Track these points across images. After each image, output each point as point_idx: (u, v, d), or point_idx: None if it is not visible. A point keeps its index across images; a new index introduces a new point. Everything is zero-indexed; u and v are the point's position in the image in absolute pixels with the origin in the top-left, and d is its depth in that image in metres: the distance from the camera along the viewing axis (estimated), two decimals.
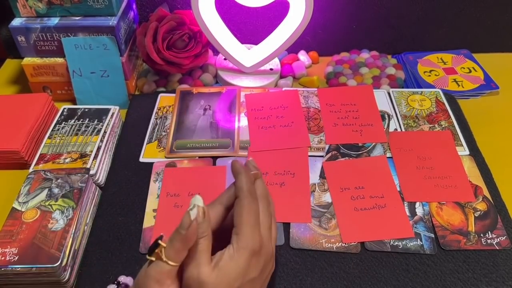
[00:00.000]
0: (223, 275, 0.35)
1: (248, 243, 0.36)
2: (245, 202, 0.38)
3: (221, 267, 0.35)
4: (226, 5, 0.80)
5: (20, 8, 0.71)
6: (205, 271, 0.34)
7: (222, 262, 0.35)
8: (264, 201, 0.40)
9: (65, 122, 0.67)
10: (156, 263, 0.35)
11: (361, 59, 0.84)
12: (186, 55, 0.75)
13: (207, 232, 0.36)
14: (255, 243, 0.36)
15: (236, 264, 0.35)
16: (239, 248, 0.36)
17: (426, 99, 0.72)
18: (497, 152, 0.65)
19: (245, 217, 0.37)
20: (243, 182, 0.39)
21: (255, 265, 0.37)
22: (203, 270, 0.34)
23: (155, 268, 0.35)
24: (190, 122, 0.69)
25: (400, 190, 0.58)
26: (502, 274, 0.50)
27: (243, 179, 0.39)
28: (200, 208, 0.35)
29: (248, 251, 0.36)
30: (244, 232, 0.36)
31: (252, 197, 0.38)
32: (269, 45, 0.75)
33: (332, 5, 0.81)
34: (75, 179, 0.57)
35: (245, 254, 0.36)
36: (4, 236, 0.50)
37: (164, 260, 0.34)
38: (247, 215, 0.37)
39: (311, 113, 0.70)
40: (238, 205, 0.38)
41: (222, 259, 0.35)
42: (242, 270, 0.35)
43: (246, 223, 0.37)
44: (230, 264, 0.35)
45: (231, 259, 0.35)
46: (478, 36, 0.86)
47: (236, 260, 0.35)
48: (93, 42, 0.71)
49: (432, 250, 0.52)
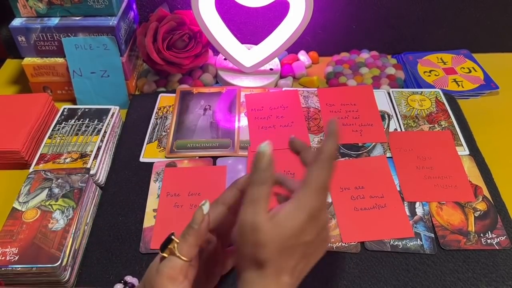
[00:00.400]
0: (278, 229, 0.33)
1: (310, 203, 0.34)
2: (322, 164, 0.35)
3: (278, 221, 0.33)
4: (226, 5, 0.80)
5: (21, 8, 0.71)
6: (262, 218, 0.33)
7: (279, 216, 0.34)
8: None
9: (65, 122, 0.67)
10: (169, 259, 0.35)
11: (361, 59, 0.84)
12: (186, 55, 0.75)
13: (270, 180, 0.35)
14: (316, 206, 0.34)
15: (293, 222, 0.34)
16: (300, 206, 0.34)
17: (426, 99, 0.73)
18: (497, 152, 0.65)
19: (315, 177, 0.35)
20: (331, 146, 0.36)
21: (312, 229, 0.35)
22: (260, 217, 0.33)
23: (168, 264, 0.34)
24: (190, 122, 0.69)
25: (400, 190, 0.58)
26: (502, 274, 0.50)
27: (333, 143, 0.36)
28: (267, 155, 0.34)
29: (307, 211, 0.34)
30: (308, 192, 0.34)
31: (330, 163, 0.36)
32: (269, 45, 0.75)
33: (332, 5, 0.81)
34: (76, 179, 0.57)
35: (304, 213, 0.34)
36: (5, 236, 0.50)
37: (177, 255, 0.34)
38: (317, 176, 0.35)
39: (311, 113, 0.70)
40: (314, 164, 0.36)
41: (280, 213, 0.34)
42: (298, 230, 0.34)
43: (314, 183, 0.35)
44: (288, 220, 0.34)
45: (290, 216, 0.34)
46: (478, 36, 0.86)
47: (294, 217, 0.34)
48: (93, 42, 0.71)
49: (432, 250, 0.52)
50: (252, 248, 0.33)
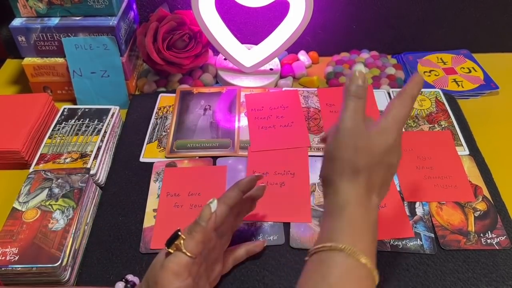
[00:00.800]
0: (374, 141, 0.35)
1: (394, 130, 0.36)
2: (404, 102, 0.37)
3: (373, 135, 0.35)
4: (226, 5, 0.80)
5: (21, 8, 0.71)
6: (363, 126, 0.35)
7: (373, 132, 0.35)
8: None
9: (66, 122, 0.67)
10: (175, 254, 0.35)
11: (361, 59, 0.84)
12: (186, 55, 0.75)
13: (365, 97, 0.36)
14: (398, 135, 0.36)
15: (385, 139, 0.35)
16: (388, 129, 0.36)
17: (426, 99, 0.73)
18: (497, 152, 0.65)
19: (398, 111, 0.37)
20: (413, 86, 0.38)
21: (394, 154, 0.37)
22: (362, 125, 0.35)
23: (173, 260, 0.34)
24: (190, 122, 0.69)
25: (400, 190, 0.59)
26: (502, 274, 0.50)
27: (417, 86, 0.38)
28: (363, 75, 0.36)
29: (394, 135, 0.36)
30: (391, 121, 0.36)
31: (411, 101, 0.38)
32: (269, 45, 0.75)
33: (332, 5, 0.81)
34: (76, 179, 0.57)
35: (393, 135, 0.36)
36: (5, 236, 0.50)
37: (183, 251, 0.34)
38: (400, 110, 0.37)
39: (311, 113, 0.70)
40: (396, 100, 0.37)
41: (373, 130, 0.36)
42: (387, 148, 0.36)
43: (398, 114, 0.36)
44: (381, 136, 0.35)
45: (382, 133, 0.35)
46: (478, 36, 0.86)
47: (385, 136, 0.35)
48: (93, 42, 0.71)
49: (432, 250, 0.52)
50: (352, 153, 0.34)
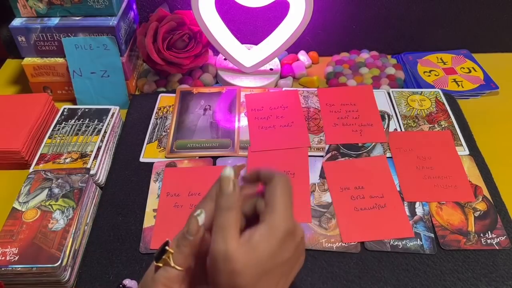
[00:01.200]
0: (253, 254, 0.32)
1: (283, 222, 0.33)
2: (280, 181, 0.35)
3: (252, 246, 0.32)
4: (226, 5, 0.80)
5: (21, 8, 0.71)
6: (233, 246, 0.32)
7: (253, 241, 0.32)
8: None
9: (66, 122, 0.67)
10: (164, 268, 0.34)
11: (361, 59, 0.84)
12: (186, 55, 0.75)
13: (236, 205, 0.34)
14: (290, 223, 0.34)
15: (268, 244, 0.33)
16: (273, 226, 0.33)
17: (426, 99, 0.73)
18: (497, 152, 0.65)
19: (280, 196, 0.34)
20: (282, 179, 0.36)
21: (289, 246, 0.34)
22: (232, 244, 0.32)
23: (163, 274, 0.34)
24: (190, 122, 0.69)
25: (400, 190, 0.59)
26: (502, 274, 0.50)
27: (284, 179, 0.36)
28: (231, 180, 0.34)
29: (282, 230, 0.33)
30: (278, 211, 0.34)
31: (287, 178, 0.36)
32: (269, 45, 0.75)
33: (332, 5, 0.81)
34: (76, 179, 0.57)
35: (279, 233, 0.33)
36: (5, 236, 0.50)
37: (172, 266, 0.34)
38: (281, 194, 0.35)
39: (311, 113, 0.70)
40: (272, 184, 0.35)
41: (253, 237, 0.33)
42: (275, 250, 0.33)
43: (281, 202, 0.34)
44: (262, 243, 0.33)
45: (264, 238, 0.33)
46: (478, 36, 0.86)
47: (268, 239, 0.33)
48: (93, 42, 0.71)
49: (432, 250, 0.52)
50: (228, 278, 0.32)
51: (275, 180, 0.35)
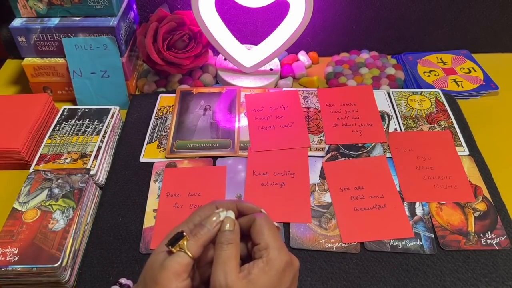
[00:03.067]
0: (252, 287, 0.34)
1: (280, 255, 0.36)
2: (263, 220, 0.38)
3: (251, 279, 0.35)
4: (226, 6, 0.80)
5: (21, 9, 0.71)
6: (234, 278, 0.34)
7: (252, 276, 0.35)
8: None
9: (66, 122, 0.67)
10: (178, 254, 0.35)
11: (361, 60, 0.84)
12: (186, 56, 0.75)
13: (237, 239, 0.36)
14: (286, 255, 0.37)
15: (267, 277, 0.35)
16: (270, 260, 0.36)
17: (425, 99, 0.73)
18: (497, 152, 0.65)
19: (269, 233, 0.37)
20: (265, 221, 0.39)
21: (289, 275, 0.37)
22: (232, 277, 0.34)
23: (176, 259, 0.35)
24: (190, 122, 0.69)
25: (400, 190, 0.59)
26: (502, 274, 0.50)
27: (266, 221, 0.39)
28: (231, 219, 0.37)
29: (280, 262, 0.36)
30: (272, 246, 0.36)
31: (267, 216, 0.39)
32: (269, 46, 0.75)
33: (332, 5, 0.81)
34: (76, 179, 0.57)
35: (277, 266, 0.36)
36: (5, 236, 0.50)
37: (186, 252, 0.35)
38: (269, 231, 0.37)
39: (311, 113, 0.70)
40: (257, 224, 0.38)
41: (252, 272, 0.35)
42: (275, 282, 0.35)
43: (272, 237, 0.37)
44: (262, 276, 0.35)
45: (263, 272, 0.35)
46: (478, 37, 0.86)
47: (267, 272, 0.35)
48: (93, 42, 0.71)
49: (431, 250, 0.52)
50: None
51: (258, 220, 0.38)
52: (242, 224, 0.39)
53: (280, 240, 0.38)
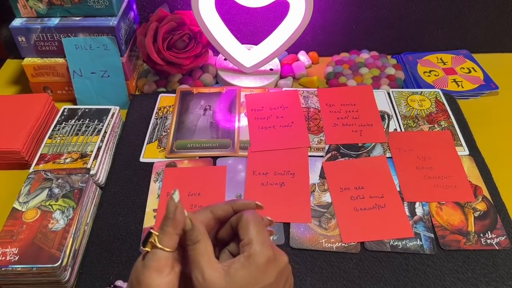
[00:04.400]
0: (232, 280, 0.34)
1: (261, 250, 0.36)
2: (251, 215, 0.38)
3: (230, 273, 0.35)
4: (226, 6, 0.80)
5: (21, 9, 0.71)
6: (209, 271, 0.34)
7: (231, 269, 0.35)
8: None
9: (66, 122, 0.67)
10: (153, 252, 0.35)
11: (361, 60, 0.84)
12: (186, 56, 0.75)
13: (199, 237, 0.36)
14: (268, 251, 0.36)
15: (246, 272, 0.35)
16: (251, 255, 0.36)
17: (425, 99, 0.73)
18: (497, 152, 0.65)
19: (253, 229, 0.37)
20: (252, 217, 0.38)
21: (271, 272, 0.36)
22: (207, 271, 0.34)
23: (152, 258, 0.35)
24: (190, 122, 0.69)
25: (400, 190, 0.59)
26: (501, 274, 0.50)
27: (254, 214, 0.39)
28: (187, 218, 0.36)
29: (261, 258, 0.36)
30: (255, 241, 0.36)
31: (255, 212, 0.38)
32: (269, 46, 0.76)
33: (332, 5, 0.81)
34: (76, 179, 0.57)
35: (257, 261, 0.35)
36: (5, 236, 0.50)
37: (159, 247, 0.35)
38: (254, 227, 0.37)
39: (311, 113, 0.70)
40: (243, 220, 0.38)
41: (232, 267, 0.35)
42: (255, 277, 0.35)
43: (255, 233, 0.37)
44: (241, 271, 0.35)
45: (242, 266, 0.35)
46: (478, 37, 0.86)
47: (246, 267, 0.35)
48: (93, 42, 0.71)
49: (431, 250, 0.52)
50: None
51: (244, 216, 0.38)
52: (233, 223, 0.39)
53: (265, 235, 0.37)
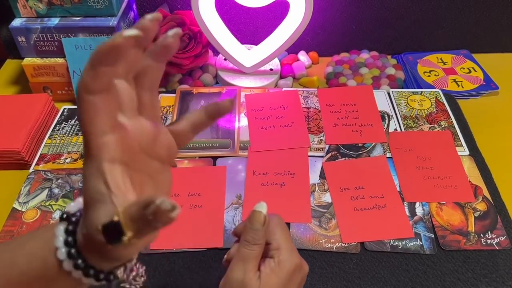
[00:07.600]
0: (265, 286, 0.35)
1: (290, 257, 0.37)
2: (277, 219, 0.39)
3: (262, 279, 0.36)
4: (226, 6, 0.80)
5: (21, 9, 0.71)
6: (252, 276, 0.35)
7: (263, 274, 0.36)
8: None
9: (65, 122, 0.67)
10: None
11: (361, 60, 0.84)
12: (186, 56, 0.75)
13: (261, 241, 0.37)
14: (297, 258, 0.37)
15: (277, 278, 0.36)
16: (281, 261, 0.36)
17: (426, 99, 0.73)
18: (497, 152, 0.65)
19: (281, 234, 0.38)
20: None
21: (297, 278, 0.37)
22: (250, 275, 0.35)
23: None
24: None
25: (400, 190, 0.59)
26: (502, 274, 0.50)
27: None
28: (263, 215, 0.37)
29: (290, 264, 0.36)
30: (284, 248, 0.37)
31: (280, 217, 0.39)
32: (269, 46, 0.75)
33: (332, 5, 0.81)
34: (76, 179, 0.57)
35: (287, 268, 0.36)
36: (5, 236, 0.50)
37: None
38: (282, 233, 0.38)
39: (311, 113, 0.70)
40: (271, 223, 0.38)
41: (263, 271, 0.36)
42: (284, 283, 0.36)
43: (284, 239, 0.38)
44: (272, 277, 0.36)
45: (273, 273, 0.36)
46: (478, 37, 0.86)
47: (277, 273, 0.36)
48: (93, 42, 0.71)
49: (432, 250, 0.52)
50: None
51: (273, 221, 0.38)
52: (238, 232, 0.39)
53: (292, 242, 0.38)
